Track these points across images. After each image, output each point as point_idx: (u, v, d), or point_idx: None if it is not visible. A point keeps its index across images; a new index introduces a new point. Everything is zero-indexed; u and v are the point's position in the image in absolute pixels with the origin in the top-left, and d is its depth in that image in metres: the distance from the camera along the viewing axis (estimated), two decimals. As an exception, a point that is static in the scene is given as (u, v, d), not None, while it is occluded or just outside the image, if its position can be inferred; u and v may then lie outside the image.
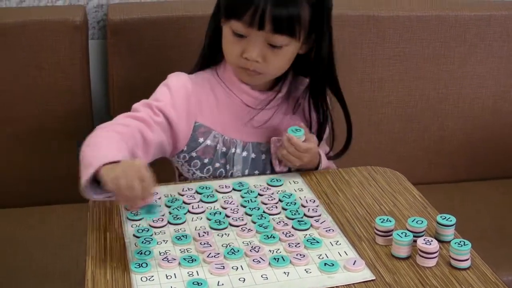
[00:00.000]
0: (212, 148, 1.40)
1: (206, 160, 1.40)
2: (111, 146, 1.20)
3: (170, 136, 1.37)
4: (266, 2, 1.27)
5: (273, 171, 1.43)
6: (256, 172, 1.42)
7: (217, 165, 1.41)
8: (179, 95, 1.37)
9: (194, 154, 1.40)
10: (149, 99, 1.38)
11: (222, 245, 1.13)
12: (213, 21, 1.42)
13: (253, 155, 1.42)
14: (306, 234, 1.17)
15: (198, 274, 1.05)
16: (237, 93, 1.41)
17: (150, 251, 1.10)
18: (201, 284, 1.02)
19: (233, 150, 1.41)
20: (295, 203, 1.26)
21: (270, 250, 1.12)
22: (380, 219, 1.16)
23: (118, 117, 1.34)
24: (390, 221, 1.15)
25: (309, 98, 1.45)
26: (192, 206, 1.25)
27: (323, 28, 1.37)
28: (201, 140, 1.39)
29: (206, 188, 1.31)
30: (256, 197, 1.29)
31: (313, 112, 1.45)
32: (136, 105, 1.37)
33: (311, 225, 1.19)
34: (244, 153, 1.42)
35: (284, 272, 1.06)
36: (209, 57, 1.44)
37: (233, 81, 1.41)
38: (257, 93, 1.41)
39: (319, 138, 1.45)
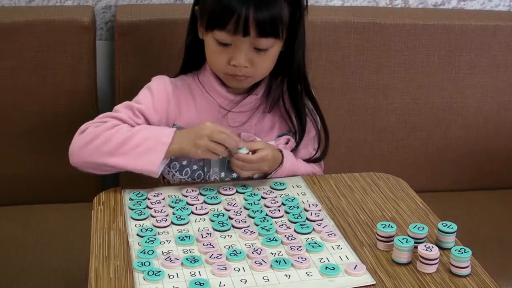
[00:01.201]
0: None
1: (184, 162, 1.41)
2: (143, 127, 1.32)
3: None
4: (249, 8, 1.28)
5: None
6: (234, 175, 1.41)
7: (195, 167, 1.42)
8: (160, 98, 1.40)
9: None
10: (132, 101, 1.40)
11: (224, 247, 1.14)
12: (191, 31, 1.44)
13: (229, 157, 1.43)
14: (308, 238, 1.17)
15: (200, 275, 1.06)
16: (214, 96, 1.43)
17: (153, 251, 1.11)
18: (203, 284, 1.02)
19: None
20: (297, 207, 1.27)
21: (272, 253, 1.12)
22: (381, 225, 1.16)
23: (98, 116, 1.37)
24: (391, 227, 1.16)
25: (287, 96, 1.45)
26: (196, 207, 1.26)
27: (300, 25, 1.38)
28: None
29: (210, 190, 1.32)
30: (259, 200, 1.30)
31: (291, 110, 1.45)
32: (117, 106, 1.40)
33: (313, 229, 1.20)
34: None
35: (286, 275, 1.07)
36: (189, 65, 1.47)
37: (211, 85, 1.43)
38: (234, 96, 1.42)
39: (301, 137, 1.45)
